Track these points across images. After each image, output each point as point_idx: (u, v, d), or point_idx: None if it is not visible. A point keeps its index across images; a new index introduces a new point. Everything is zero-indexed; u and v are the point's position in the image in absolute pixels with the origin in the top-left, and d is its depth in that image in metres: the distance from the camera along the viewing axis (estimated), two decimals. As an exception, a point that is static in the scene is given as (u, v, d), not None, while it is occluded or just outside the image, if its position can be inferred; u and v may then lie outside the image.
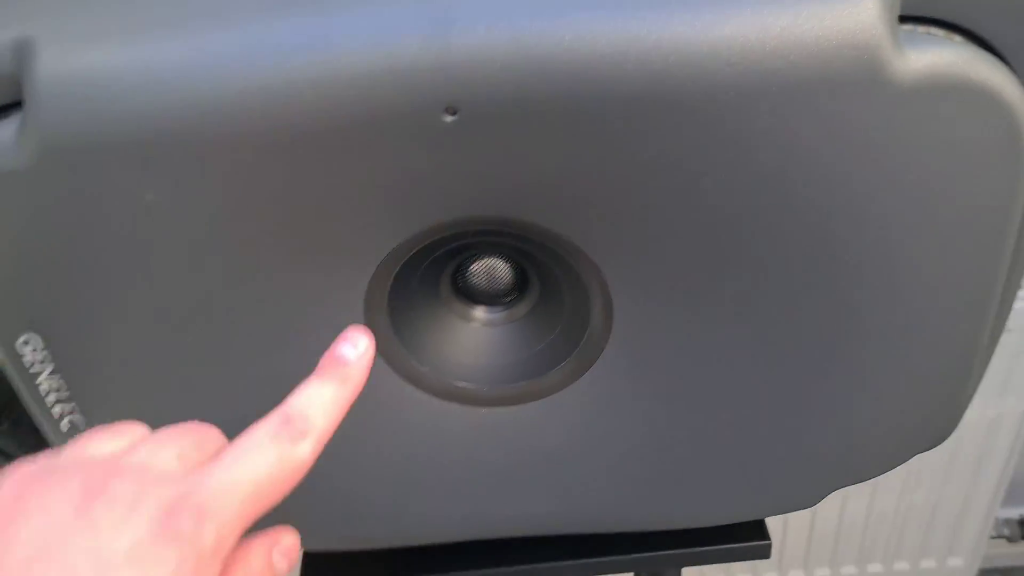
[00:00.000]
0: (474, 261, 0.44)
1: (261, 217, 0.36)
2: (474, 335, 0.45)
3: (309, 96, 0.33)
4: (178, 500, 0.26)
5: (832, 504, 1.14)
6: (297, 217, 0.37)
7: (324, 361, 0.31)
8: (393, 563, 0.57)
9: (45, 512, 0.25)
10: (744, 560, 0.56)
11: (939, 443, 0.50)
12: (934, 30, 0.35)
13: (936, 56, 0.33)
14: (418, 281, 0.43)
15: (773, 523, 1.11)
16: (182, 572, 0.25)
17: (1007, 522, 1.28)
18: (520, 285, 0.45)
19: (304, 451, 0.29)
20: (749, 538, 0.56)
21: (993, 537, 1.27)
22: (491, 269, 0.44)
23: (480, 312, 0.45)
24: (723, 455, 0.46)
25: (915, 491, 1.12)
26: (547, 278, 0.44)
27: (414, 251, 0.40)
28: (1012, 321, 0.91)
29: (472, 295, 0.45)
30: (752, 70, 0.32)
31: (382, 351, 0.43)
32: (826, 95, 0.33)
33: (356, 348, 0.32)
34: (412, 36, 0.33)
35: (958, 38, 0.36)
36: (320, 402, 0.30)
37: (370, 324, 0.42)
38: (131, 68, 0.33)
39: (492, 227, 0.38)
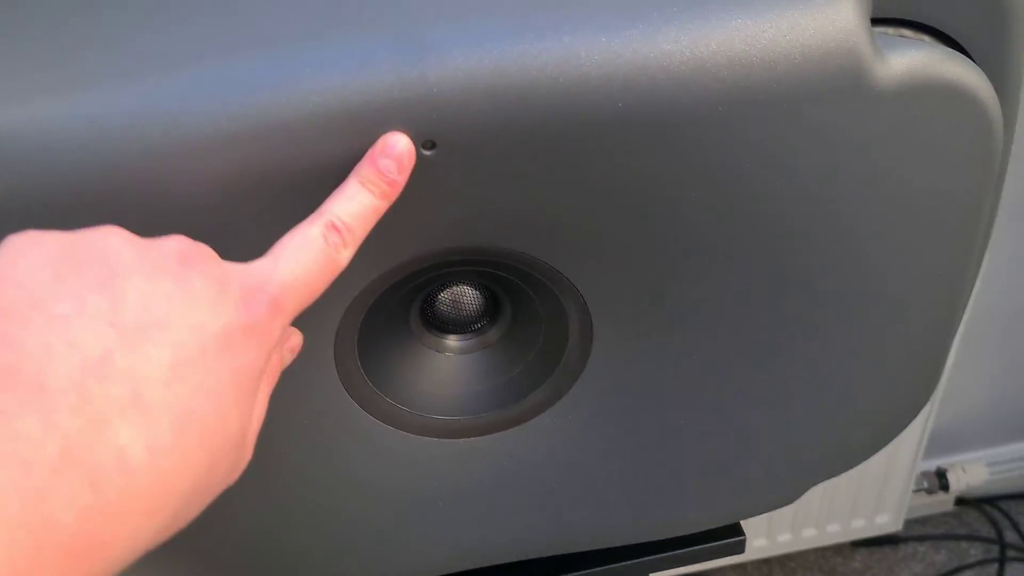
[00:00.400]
0: (442, 290, 0.43)
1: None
2: (447, 365, 0.43)
3: (274, 139, 0.31)
4: (255, 290, 0.27)
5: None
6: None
7: (368, 168, 0.30)
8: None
9: (147, 272, 0.25)
10: (720, 557, 0.56)
11: (903, 428, 0.51)
12: (904, 31, 0.35)
13: (913, 59, 0.33)
14: (386, 318, 0.41)
15: None
16: (259, 360, 0.26)
17: (925, 475, 1.33)
18: (490, 310, 0.44)
19: (345, 258, 0.30)
20: (723, 536, 0.56)
21: (914, 491, 1.32)
22: (459, 296, 0.43)
23: (452, 341, 0.43)
24: (704, 463, 0.46)
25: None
26: (520, 302, 0.42)
27: (387, 286, 0.38)
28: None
29: (442, 325, 0.43)
30: (740, 85, 0.32)
31: (355, 394, 0.41)
32: (812, 105, 0.33)
33: (400, 164, 0.30)
34: (385, 68, 0.30)
35: (927, 38, 0.36)
36: (362, 212, 0.30)
37: (341, 369, 0.40)
38: (53, 124, 0.30)
39: (471, 257, 0.37)
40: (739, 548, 0.57)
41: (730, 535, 0.56)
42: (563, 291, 0.39)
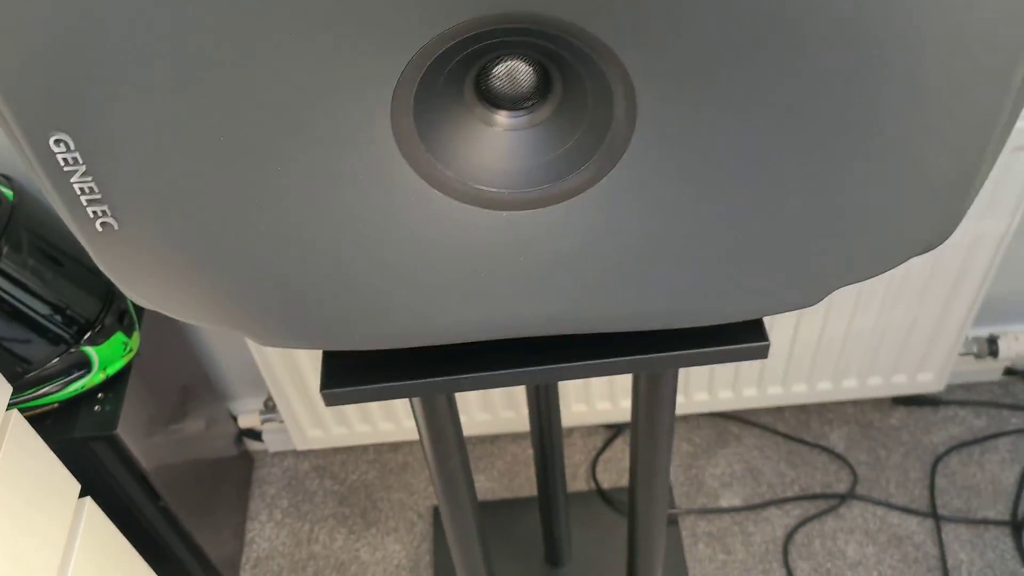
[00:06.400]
0: (496, 64, 0.45)
1: (281, 21, 0.36)
2: (497, 139, 0.46)
3: None
4: None
5: (814, 322, 1.19)
6: (316, 20, 0.37)
7: None
8: (406, 365, 0.60)
9: None
10: (742, 360, 0.59)
11: (934, 246, 0.52)
12: None
13: None
14: (442, 85, 0.43)
15: None
16: None
17: (976, 339, 1.34)
18: (542, 89, 0.46)
19: None
20: (747, 340, 0.59)
21: (962, 354, 1.33)
22: (513, 71, 0.44)
23: (503, 117, 0.46)
24: (737, 254, 0.48)
25: (894, 309, 1.17)
26: (570, 79, 0.44)
27: (441, 51, 0.40)
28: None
29: (495, 100, 0.45)
30: None
31: (407, 155, 0.44)
32: None
33: None
34: None
35: None
36: None
37: (396, 127, 0.42)
38: None
39: (521, 23, 0.38)
40: (763, 352, 0.60)
41: (755, 339, 0.59)
42: (610, 68, 0.41)
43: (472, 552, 0.90)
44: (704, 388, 1.29)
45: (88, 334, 1.00)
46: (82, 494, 0.92)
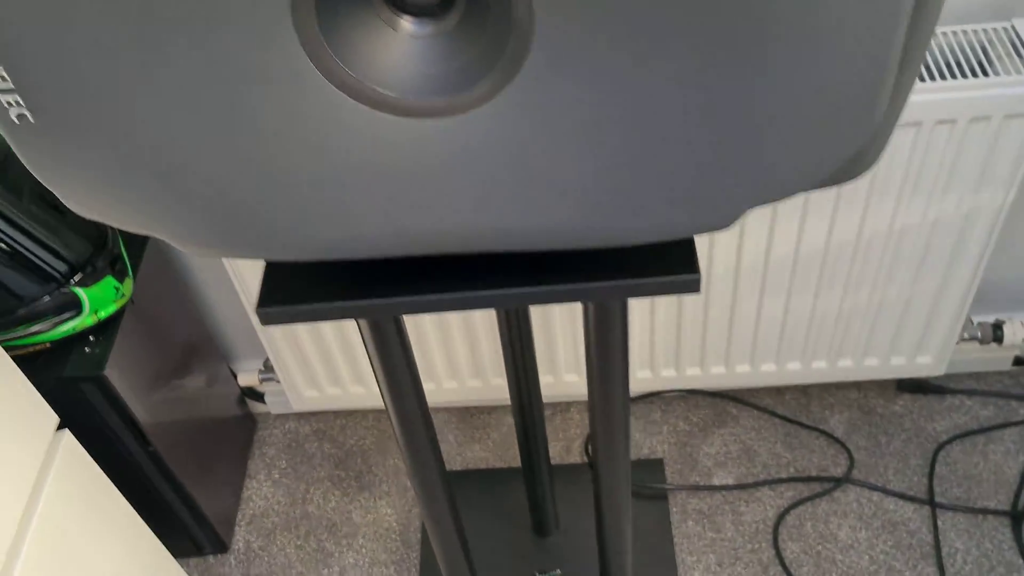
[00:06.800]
0: (401, -32, 0.45)
1: None
2: (403, 44, 0.46)
3: None
4: None
5: (805, 299, 1.17)
6: None
7: None
8: (345, 287, 0.61)
9: None
10: (673, 292, 0.59)
11: (856, 171, 0.51)
12: None
13: None
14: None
15: (744, 317, 1.16)
16: None
17: (981, 325, 1.31)
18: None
19: None
20: (678, 272, 0.59)
21: (967, 339, 1.30)
22: (417, -25, 0.45)
23: (407, 22, 0.46)
24: (642, 170, 0.48)
25: (888, 286, 1.15)
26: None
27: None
28: (988, 109, 0.91)
29: (401, 4, 0.46)
30: None
31: (311, 54, 0.44)
32: None
33: None
34: None
35: None
36: None
37: (298, 25, 0.43)
38: None
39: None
40: (694, 286, 0.60)
41: (684, 271, 0.59)
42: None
43: (438, 502, 0.91)
44: (696, 364, 1.28)
45: (79, 275, 1.02)
46: (62, 427, 0.94)
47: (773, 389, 1.46)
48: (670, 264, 0.59)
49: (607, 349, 0.74)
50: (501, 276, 0.60)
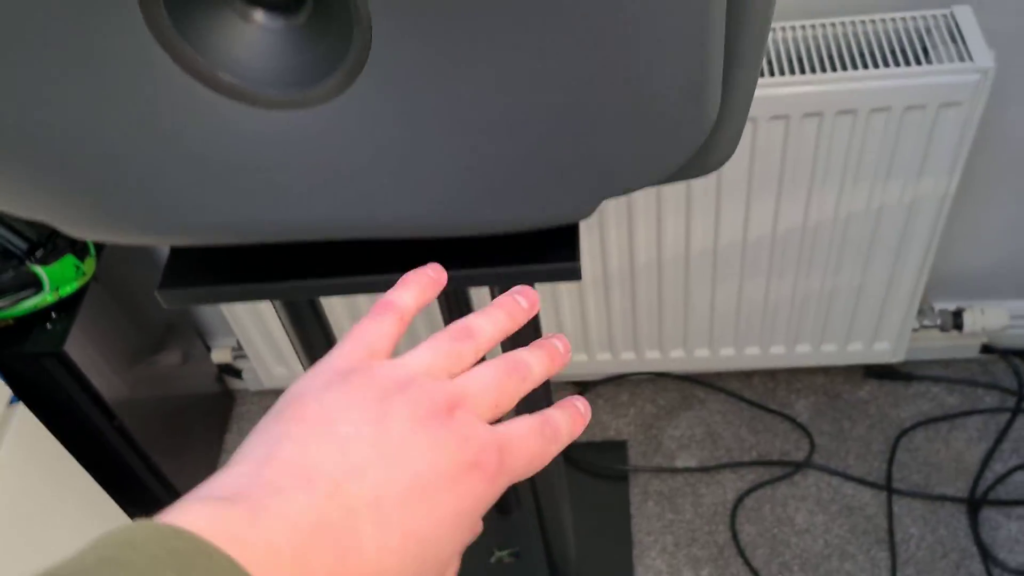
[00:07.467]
0: (254, -37, 0.47)
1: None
2: (254, 36, 0.48)
3: None
4: (490, 446, 0.32)
5: (757, 285, 1.18)
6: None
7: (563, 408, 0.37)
8: (245, 271, 0.63)
9: (411, 422, 0.31)
10: (555, 280, 0.61)
11: (713, 166, 0.53)
12: None
13: None
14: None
15: (699, 303, 1.17)
16: (478, 506, 0.32)
17: (942, 312, 1.31)
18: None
19: (554, 451, 0.35)
20: (558, 260, 0.60)
21: (926, 326, 1.30)
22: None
23: (259, 15, 0.48)
24: (489, 164, 0.49)
25: (838, 273, 1.15)
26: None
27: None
28: (922, 98, 0.91)
29: (254, 1, 0.48)
30: None
31: (166, 44, 0.46)
32: None
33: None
34: None
35: None
36: (567, 422, 0.36)
37: (146, 14, 0.45)
38: None
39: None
40: (575, 274, 0.61)
41: (565, 259, 0.61)
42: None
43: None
44: (655, 347, 1.30)
45: (38, 253, 1.05)
46: (15, 400, 0.97)
47: (741, 373, 1.47)
48: (550, 252, 0.61)
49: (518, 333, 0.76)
50: (386, 262, 0.62)
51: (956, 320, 1.29)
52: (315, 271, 0.63)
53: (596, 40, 0.43)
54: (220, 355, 1.48)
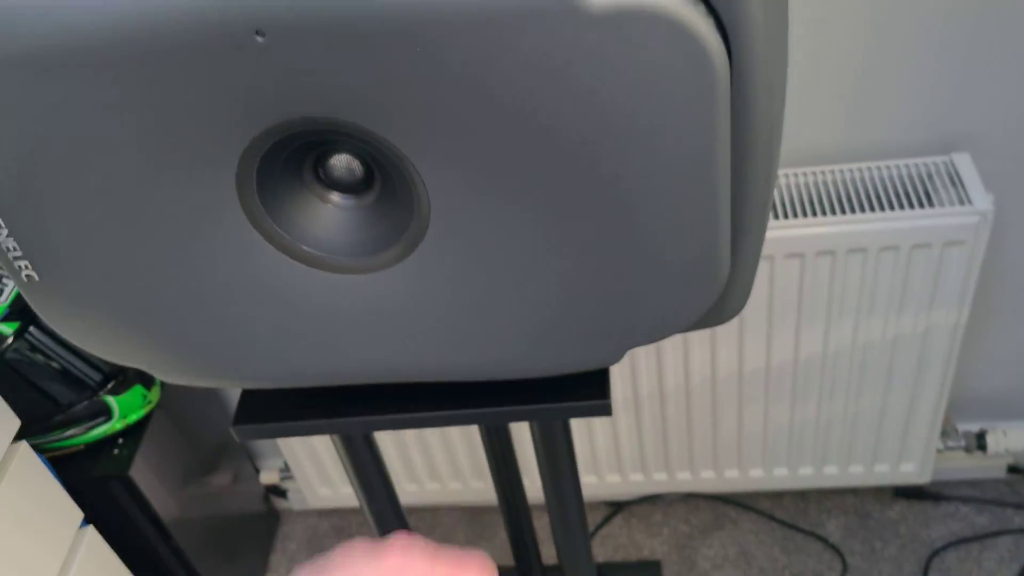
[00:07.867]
0: (331, 156, 0.56)
1: (142, 124, 0.49)
2: (330, 215, 0.57)
3: (137, 26, 0.44)
4: None
5: (782, 409, 1.23)
6: (168, 124, 0.49)
7: None
8: (312, 403, 0.71)
9: None
10: (584, 416, 0.68)
11: (728, 316, 0.60)
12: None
13: (622, -9, 0.43)
14: (281, 171, 0.54)
15: (727, 425, 1.24)
16: None
17: (965, 434, 1.35)
18: (368, 179, 0.57)
19: None
20: (589, 397, 0.67)
21: (951, 448, 1.34)
22: (339, 162, 0.56)
23: (335, 197, 0.57)
24: (530, 320, 0.57)
25: (859, 397, 1.20)
26: (386, 173, 0.55)
27: (262, 146, 0.51)
28: (927, 237, 0.99)
29: (331, 185, 0.57)
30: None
31: (258, 226, 0.55)
32: (521, 25, 0.43)
33: None
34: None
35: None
36: None
37: (243, 202, 0.54)
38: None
39: (319, 127, 0.50)
40: (606, 410, 0.68)
41: (596, 397, 0.68)
42: (402, 162, 0.51)
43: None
44: (686, 468, 1.34)
45: (110, 384, 1.14)
46: (85, 523, 1.04)
47: (772, 493, 1.51)
48: (581, 389, 0.68)
49: (555, 459, 0.82)
50: (434, 401, 0.69)
51: (980, 441, 1.33)
52: (373, 407, 0.70)
53: (630, 227, 0.51)
54: (268, 476, 1.54)
